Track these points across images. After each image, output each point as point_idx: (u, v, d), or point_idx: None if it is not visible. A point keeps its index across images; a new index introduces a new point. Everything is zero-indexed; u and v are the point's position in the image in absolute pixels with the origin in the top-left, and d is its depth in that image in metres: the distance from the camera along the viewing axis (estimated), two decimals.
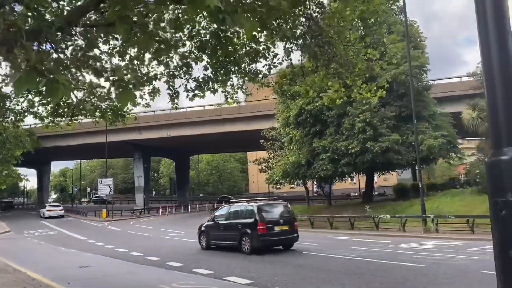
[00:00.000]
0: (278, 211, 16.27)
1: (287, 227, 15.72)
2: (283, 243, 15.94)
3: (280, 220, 15.71)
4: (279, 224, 15.55)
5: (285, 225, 15.71)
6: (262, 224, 15.07)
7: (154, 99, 14.70)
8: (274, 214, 15.99)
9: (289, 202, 31.33)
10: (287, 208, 16.69)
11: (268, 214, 15.74)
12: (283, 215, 16.13)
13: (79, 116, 16.22)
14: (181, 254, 16.17)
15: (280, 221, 15.66)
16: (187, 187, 74.79)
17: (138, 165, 60.01)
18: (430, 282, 9.20)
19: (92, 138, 54.74)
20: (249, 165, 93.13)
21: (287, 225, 15.77)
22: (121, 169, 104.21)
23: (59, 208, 50.83)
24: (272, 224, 15.37)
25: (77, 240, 24.83)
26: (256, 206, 15.77)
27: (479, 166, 26.22)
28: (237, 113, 50.16)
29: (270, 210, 16.10)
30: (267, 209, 15.96)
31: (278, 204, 17.05)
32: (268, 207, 16.22)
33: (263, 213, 15.50)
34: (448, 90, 39.10)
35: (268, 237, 15.15)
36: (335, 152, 28.52)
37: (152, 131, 53.72)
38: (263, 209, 15.74)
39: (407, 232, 21.43)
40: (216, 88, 13.44)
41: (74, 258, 16.59)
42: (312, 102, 29.18)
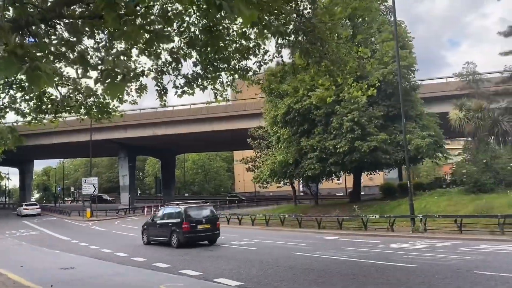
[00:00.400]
0: (203, 213, 18.89)
1: (209, 226, 18.41)
2: (205, 239, 18.61)
3: (203, 220, 18.36)
4: (202, 223, 18.25)
5: (207, 224, 18.39)
6: (186, 223, 17.79)
7: (141, 96, 14.32)
8: (198, 215, 18.56)
9: (276, 202, 32.36)
10: (211, 210, 19.58)
11: (193, 215, 18.33)
12: (206, 216, 18.71)
13: (63, 112, 15.74)
14: (167, 254, 15.83)
15: (203, 221, 18.32)
16: (173, 186, 74.12)
17: (123, 164, 59.19)
18: (424, 282, 9.05)
19: (76, 136, 53.81)
20: (235, 164, 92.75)
21: (209, 224, 18.45)
22: (105, 168, 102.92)
23: (35, 206, 53.48)
24: (196, 223, 18.07)
25: (60, 241, 24.25)
26: (183, 208, 18.53)
27: (466, 166, 26.34)
28: (224, 112, 49.86)
29: (195, 212, 18.73)
30: (192, 211, 18.61)
31: (203, 206, 20.09)
32: (193, 209, 18.93)
33: (188, 214, 18.16)
34: (434, 90, 39.36)
35: (191, 234, 17.88)
36: (323, 151, 28.39)
37: (138, 129, 53.03)
38: (188, 211, 18.40)
39: (395, 232, 21.37)
40: (206, 85, 13.16)
41: (57, 259, 16.12)
42: (300, 101, 29.04)
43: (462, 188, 26.29)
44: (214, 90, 14.22)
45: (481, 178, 24.56)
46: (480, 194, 24.08)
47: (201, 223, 18.24)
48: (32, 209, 51.59)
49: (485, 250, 14.05)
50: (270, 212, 34.34)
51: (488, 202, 22.19)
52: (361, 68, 13.50)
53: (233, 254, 15.33)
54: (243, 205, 56.78)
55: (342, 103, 27.46)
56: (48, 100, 14.94)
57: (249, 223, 31.33)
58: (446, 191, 27.49)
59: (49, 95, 14.77)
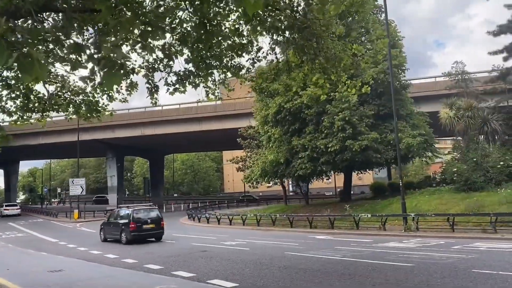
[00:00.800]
0: (148, 214, 21.37)
1: (154, 225, 20.90)
2: (150, 237, 21.02)
3: (148, 221, 20.85)
4: (147, 223, 20.75)
5: (152, 224, 20.87)
6: (133, 223, 20.27)
7: (131, 93, 14.02)
8: (144, 216, 21.05)
9: (266, 201, 33.67)
10: (156, 212, 22.07)
11: (139, 216, 20.83)
12: (151, 217, 21.19)
13: (51, 111, 15.34)
14: (158, 256, 15.52)
15: (148, 221, 20.82)
16: (161, 187, 73.53)
17: (111, 165, 58.47)
18: (423, 282, 8.91)
19: (63, 136, 53.02)
20: (224, 165, 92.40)
21: (154, 224, 20.92)
22: (93, 169, 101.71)
23: (15, 207, 56.80)
24: (141, 223, 20.56)
25: (48, 242, 23.76)
26: (131, 210, 21.21)
27: (456, 165, 26.41)
28: (213, 112, 49.56)
29: (142, 214, 21.21)
30: (139, 213, 21.14)
31: (150, 208, 22.93)
32: (140, 211, 21.51)
33: (135, 215, 20.66)
34: (422, 89, 39.57)
35: (137, 233, 20.33)
36: (314, 151, 28.26)
37: (126, 129, 52.43)
38: (135, 212, 20.95)
39: (387, 231, 21.31)
40: (198, 83, 12.92)
41: (45, 261, 15.72)
42: (291, 100, 28.86)
43: (452, 187, 26.34)
44: (205, 88, 14.01)
45: (471, 177, 24.64)
46: (471, 193, 24.15)
47: (146, 223, 20.73)
48: (12, 209, 54.79)
49: (479, 248, 14.02)
50: (261, 212, 34.15)
51: (478, 200, 22.26)
52: (355, 66, 13.38)
53: (226, 254, 15.09)
54: (233, 205, 56.54)
55: (333, 102, 27.36)
56: (35, 98, 14.54)
57: (240, 223, 31.09)
58: (437, 189, 27.52)
59: (36, 93, 14.38)
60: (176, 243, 19.96)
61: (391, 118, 28.75)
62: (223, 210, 47.50)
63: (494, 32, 29.25)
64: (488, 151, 26.91)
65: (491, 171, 24.93)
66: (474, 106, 27.60)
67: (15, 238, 26.94)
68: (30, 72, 2.81)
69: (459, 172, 25.12)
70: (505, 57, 29.84)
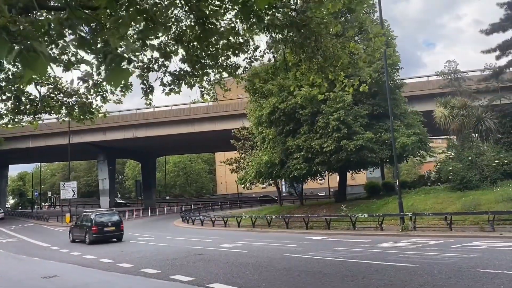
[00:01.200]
0: (109, 218, 23.84)
1: (114, 228, 23.41)
2: (111, 238, 23.46)
3: (109, 224, 23.36)
4: (107, 226, 23.25)
5: (112, 227, 23.37)
6: (95, 226, 22.79)
7: (125, 95, 13.77)
8: (105, 219, 23.56)
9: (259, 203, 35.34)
10: (116, 216, 24.47)
11: (101, 220, 23.35)
12: (112, 220, 23.65)
13: (43, 113, 15.00)
14: (155, 259, 15.21)
15: (108, 224, 23.30)
16: (153, 189, 72.97)
17: (103, 168, 57.86)
18: (428, 282, 8.75)
19: (53, 139, 52.42)
20: (217, 166, 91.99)
21: (114, 227, 23.44)
22: (84, 172, 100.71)
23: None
24: (102, 226, 23.04)
25: (40, 247, 23.30)
26: (94, 214, 23.97)
27: (452, 164, 26.41)
28: (206, 113, 49.28)
29: (103, 218, 23.72)
30: (100, 217, 23.72)
31: (111, 213, 25.27)
32: (102, 215, 24.18)
33: (97, 219, 23.26)
34: (415, 89, 39.63)
35: (99, 234, 22.78)
36: (309, 151, 28.11)
37: (118, 131, 51.94)
38: (97, 216, 23.61)
39: (384, 230, 21.20)
40: (193, 83, 12.71)
41: (38, 267, 15.34)
42: (285, 100, 28.73)
43: (447, 186, 26.35)
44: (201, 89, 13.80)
45: (467, 175, 24.65)
46: (466, 191, 24.16)
47: (107, 226, 23.24)
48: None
49: (479, 247, 13.93)
50: (256, 214, 33.94)
51: (475, 199, 22.24)
52: (353, 64, 13.24)
53: (224, 257, 14.83)
54: (226, 207, 56.26)
55: (328, 102, 27.25)
56: (26, 100, 14.19)
57: (235, 225, 30.87)
58: (432, 189, 27.52)
59: (27, 94, 14.03)
60: (171, 247, 19.66)
61: (386, 117, 28.72)
62: (217, 212, 47.23)
63: (486, 30, 29.38)
64: (483, 150, 26.96)
65: (486, 169, 24.97)
66: (468, 105, 27.65)
67: (5, 244, 26.40)
68: (34, 66, 2.57)
69: (455, 171, 25.12)
70: (497, 55, 29.99)
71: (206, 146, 69.75)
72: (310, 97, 26.87)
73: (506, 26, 28.56)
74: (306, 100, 27.32)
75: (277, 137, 30.19)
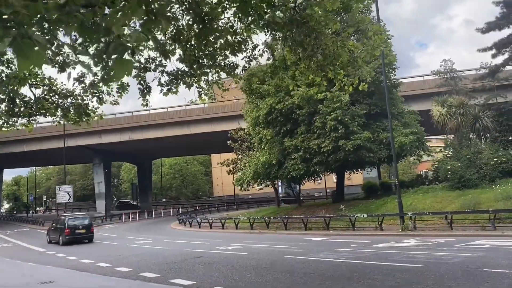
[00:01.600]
0: (81, 221, 26.49)
1: (85, 230, 25.96)
2: (82, 240, 25.76)
3: (80, 226, 25.91)
4: (79, 229, 25.78)
5: (83, 229, 25.92)
6: (67, 229, 25.27)
7: (122, 95, 13.53)
8: (77, 223, 26.15)
9: (257, 204, 38.16)
10: (87, 220, 27.33)
11: (73, 223, 25.92)
12: (83, 223, 26.27)
13: (38, 115, 14.72)
14: (153, 263, 14.94)
15: (80, 227, 25.87)
16: (150, 192, 72.53)
17: (98, 171, 57.42)
18: (437, 283, 8.56)
19: (48, 143, 51.95)
20: (213, 168, 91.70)
21: (85, 229, 26.02)
22: (79, 176, 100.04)
23: None
24: (74, 229, 25.57)
25: (35, 252, 22.94)
26: (67, 218, 26.82)
27: (450, 162, 26.30)
28: (202, 115, 49.03)
29: (75, 221, 26.30)
30: (72, 220, 26.29)
31: (82, 217, 27.97)
32: (74, 219, 26.86)
33: (70, 222, 25.80)
34: (411, 88, 39.60)
35: (71, 236, 25.21)
36: (307, 151, 27.92)
37: (113, 134, 51.57)
38: (69, 220, 26.24)
39: (384, 230, 21.02)
40: (191, 83, 12.50)
41: (34, 272, 15.01)
42: (282, 101, 28.55)
43: (446, 185, 26.24)
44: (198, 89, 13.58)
45: (465, 174, 24.55)
46: (465, 190, 24.06)
47: (78, 228, 25.76)
48: None
49: (482, 246, 13.77)
50: (253, 215, 33.70)
51: (474, 197, 22.14)
52: (352, 62, 13.08)
53: (223, 260, 14.60)
54: (223, 209, 55.99)
55: (325, 102, 27.08)
56: (21, 102, 13.92)
57: (233, 227, 30.62)
58: (431, 188, 27.40)
59: (22, 96, 13.76)
60: (169, 250, 19.37)
61: (383, 117, 28.63)
62: (214, 214, 47.00)
63: (483, 29, 29.35)
64: (481, 148, 26.89)
65: (485, 167, 24.89)
66: (465, 103, 27.57)
67: (0, 249, 26.02)
68: (29, 55, 2.35)
69: (453, 170, 25.01)
70: (494, 54, 29.95)
71: (202, 148, 69.43)
72: (307, 97, 26.71)
73: (502, 24, 28.55)
74: (303, 100, 27.15)
75: (274, 137, 29.98)
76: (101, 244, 25.08)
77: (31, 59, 2.41)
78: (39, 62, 2.58)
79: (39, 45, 2.28)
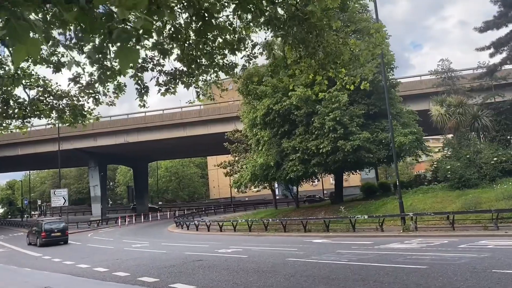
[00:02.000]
0: (57, 225, 28.82)
1: (60, 233, 28.13)
2: (58, 242, 27.70)
3: (55, 230, 28.11)
4: (54, 232, 27.91)
5: (58, 233, 28.06)
6: (44, 232, 27.29)
7: (118, 97, 13.23)
8: (52, 226, 28.38)
9: (255, 206, 40.03)
10: (62, 223, 29.72)
11: (49, 227, 28.05)
12: (58, 227, 28.51)
13: (32, 117, 14.38)
14: (152, 267, 14.62)
15: (55, 230, 28.03)
16: (146, 195, 72.07)
17: (94, 174, 56.94)
18: (446, 286, 8.31)
19: (43, 146, 51.47)
20: (209, 170, 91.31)
21: (60, 233, 28.17)
22: (74, 179, 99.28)
23: None
24: (50, 232, 27.64)
25: (31, 257, 22.50)
26: (43, 222, 28.76)
27: (450, 162, 26.12)
28: (198, 117, 48.74)
29: (52, 225, 28.62)
30: (48, 224, 28.42)
31: (58, 221, 30.73)
32: (50, 222, 29.10)
33: (46, 226, 27.89)
34: (408, 88, 39.47)
35: (47, 239, 27.18)
36: (305, 152, 27.67)
37: (109, 137, 51.15)
38: (45, 224, 28.26)
39: (385, 231, 20.80)
40: (190, 83, 12.23)
41: (30, 278, 14.65)
42: (279, 101, 28.30)
43: (446, 185, 26.07)
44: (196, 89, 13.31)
45: (465, 174, 24.38)
46: (465, 190, 23.89)
47: (54, 231, 27.88)
48: None
49: (487, 246, 13.55)
50: (251, 217, 33.40)
51: (475, 197, 21.97)
52: (354, 60, 12.85)
53: (223, 263, 14.30)
54: (220, 211, 55.65)
55: (323, 102, 26.87)
56: (15, 104, 13.59)
57: (231, 229, 30.33)
58: (430, 188, 27.21)
59: (16, 97, 13.44)
60: (167, 253, 19.04)
61: (381, 117, 28.45)
62: (211, 216, 46.60)
63: (480, 28, 29.27)
64: (480, 147, 26.74)
65: (485, 167, 24.73)
66: (464, 103, 27.45)
67: None
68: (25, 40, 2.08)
69: (453, 170, 24.84)
70: (491, 53, 29.88)
71: (198, 150, 69.09)
72: (305, 97, 26.48)
73: (500, 23, 28.47)
74: (301, 101, 26.93)
75: (272, 139, 29.70)
76: (97, 248, 24.70)
77: (27, 45, 2.14)
78: (35, 50, 2.31)
79: (36, 29, 2.01)
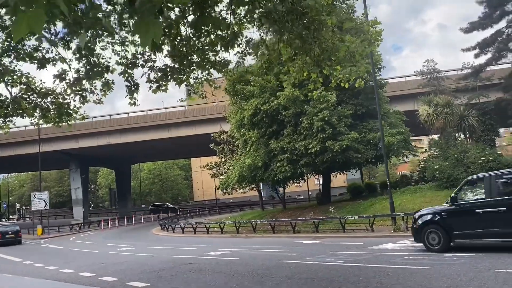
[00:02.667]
0: (10, 228, 33.76)
1: (13, 235, 32.64)
2: (12, 243, 32.13)
3: (9, 232, 32.76)
4: (8, 234, 32.43)
5: (12, 235, 32.61)
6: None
7: (106, 94, 12.72)
8: (8, 229, 33.26)
9: (240, 207, 41.42)
10: (16, 227, 34.48)
11: (5, 229, 32.95)
12: (12, 230, 33.27)
13: (14, 116, 13.77)
14: (140, 271, 14.10)
15: (9, 232, 32.65)
16: (128, 197, 70.92)
17: (75, 177, 55.74)
18: (451, 286, 8.07)
19: (23, 148, 50.14)
20: (193, 172, 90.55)
21: (14, 235, 32.73)
22: (54, 182, 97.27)
23: None
24: (5, 234, 32.23)
25: (11, 263, 21.67)
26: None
27: (438, 162, 26.18)
28: (183, 118, 48.15)
29: (6, 227, 33.71)
30: (5, 227, 33.39)
31: (12, 224, 36.90)
32: (5, 226, 34.39)
33: (0, 229, 32.59)
34: (394, 89, 39.62)
35: (2, 240, 31.39)
36: (293, 153, 27.41)
37: (90, 138, 50.13)
38: (1, 227, 33.08)
39: (375, 232, 20.64)
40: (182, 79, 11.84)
41: (11, 284, 13.95)
42: (267, 101, 28.00)
43: (433, 184, 26.12)
44: (188, 87, 12.91)
45: (453, 173, 24.44)
46: (453, 189, 23.80)
47: (8, 234, 32.44)
48: None
49: None
50: (238, 219, 33.00)
51: None
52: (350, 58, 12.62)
53: (215, 266, 13.88)
54: (205, 213, 55.06)
55: (311, 102, 26.66)
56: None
57: (218, 231, 29.88)
58: (418, 188, 27.24)
59: None
60: (155, 257, 18.50)
61: (369, 117, 28.41)
62: (196, 218, 46.02)
63: (466, 28, 29.51)
64: (467, 147, 26.89)
65: (472, 166, 24.83)
66: (452, 103, 27.60)
67: None
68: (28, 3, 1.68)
69: (441, 169, 24.88)
70: (476, 53, 30.16)
71: (183, 152, 68.34)
72: (293, 97, 26.24)
73: (485, 24, 28.75)
74: (289, 101, 26.68)
75: (260, 139, 29.36)
76: (81, 252, 23.96)
77: (29, 16, 1.74)
78: (38, 24, 1.92)
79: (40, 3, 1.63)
